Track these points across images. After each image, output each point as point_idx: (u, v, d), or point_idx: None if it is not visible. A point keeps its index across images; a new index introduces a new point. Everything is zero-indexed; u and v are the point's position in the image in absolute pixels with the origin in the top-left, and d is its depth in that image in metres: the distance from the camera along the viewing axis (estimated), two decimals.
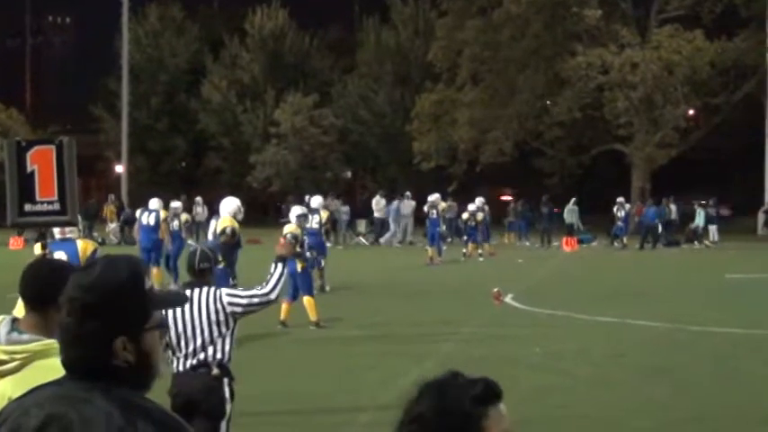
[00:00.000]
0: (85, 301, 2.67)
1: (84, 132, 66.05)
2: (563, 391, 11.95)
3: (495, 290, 21.30)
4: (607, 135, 54.87)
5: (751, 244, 41.71)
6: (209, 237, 16.05)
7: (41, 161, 6.13)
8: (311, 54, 70.13)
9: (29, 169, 6.13)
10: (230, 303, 7.07)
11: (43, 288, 3.77)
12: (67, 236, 10.51)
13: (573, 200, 43.93)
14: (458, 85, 56.40)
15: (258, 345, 15.47)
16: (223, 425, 7.08)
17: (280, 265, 7.29)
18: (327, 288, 23.21)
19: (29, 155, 6.13)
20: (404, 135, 59.08)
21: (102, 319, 2.66)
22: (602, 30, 52.86)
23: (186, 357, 7.08)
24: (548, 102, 54.92)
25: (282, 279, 7.28)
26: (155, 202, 25.09)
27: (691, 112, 55.38)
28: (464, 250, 34.70)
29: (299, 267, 17.39)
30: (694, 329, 17.02)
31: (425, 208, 33.82)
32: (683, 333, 16.69)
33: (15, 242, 36.80)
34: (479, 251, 34.58)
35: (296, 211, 18.72)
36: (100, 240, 37.06)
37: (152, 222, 24.65)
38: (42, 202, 6.13)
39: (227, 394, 7.11)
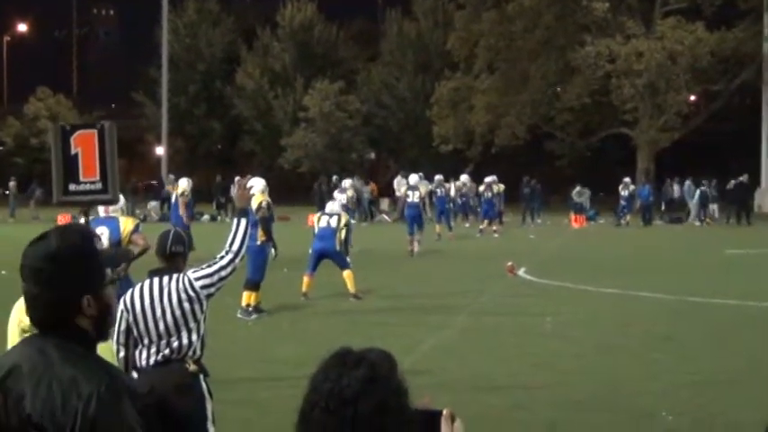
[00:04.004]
0: (52, 270, 2.78)
1: (127, 117, 66.27)
2: (572, 357, 11.93)
3: (509, 263, 21.29)
4: (614, 120, 54.79)
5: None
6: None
7: (84, 144, 6.11)
8: (338, 44, 70.18)
9: (73, 152, 6.12)
10: (203, 287, 6.03)
11: None
12: (111, 214, 10.54)
13: (578, 185, 43.32)
14: (474, 73, 56.55)
15: (285, 316, 15.47)
16: (210, 428, 5.99)
17: (243, 222, 6.28)
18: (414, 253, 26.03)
19: (73, 138, 6.12)
20: (424, 120, 59.18)
21: (69, 284, 2.78)
22: (610, 21, 52.80)
23: (155, 351, 5.98)
24: (558, 89, 54.98)
25: (247, 236, 6.28)
26: (183, 182, 24.75)
27: (692, 98, 55.19)
28: (480, 226, 34.64)
29: (337, 246, 17.32)
30: (695, 300, 16.95)
31: (432, 186, 33.25)
32: (684, 304, 16.62)
33: (63, 218, 36.96)
34: (494, 227, 34.50)
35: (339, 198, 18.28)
36: (142, 217, 37.17)
37: (172, 201, 25.23)
38: (85, 182, 6.11)
39: (206, 392, 6.01)
